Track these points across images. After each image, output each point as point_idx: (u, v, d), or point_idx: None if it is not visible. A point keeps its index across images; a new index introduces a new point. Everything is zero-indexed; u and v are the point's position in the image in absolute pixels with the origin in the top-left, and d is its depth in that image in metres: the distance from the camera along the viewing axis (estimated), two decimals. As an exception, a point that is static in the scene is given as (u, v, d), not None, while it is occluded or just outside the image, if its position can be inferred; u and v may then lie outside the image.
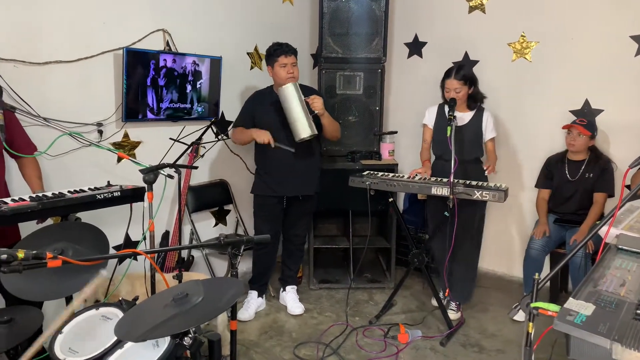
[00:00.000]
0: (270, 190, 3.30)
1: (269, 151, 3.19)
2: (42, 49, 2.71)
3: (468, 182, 2.98)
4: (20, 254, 1.36)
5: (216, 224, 3.91)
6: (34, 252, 1.40)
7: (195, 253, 3.57)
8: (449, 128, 2.93)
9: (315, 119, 3.14)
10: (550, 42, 3.68)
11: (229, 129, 3.00)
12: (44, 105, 2.71)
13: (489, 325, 3.29)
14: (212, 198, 3.79)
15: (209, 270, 3.61)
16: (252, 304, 3.39)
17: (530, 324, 1.53)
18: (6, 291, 2.31)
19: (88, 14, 2.88)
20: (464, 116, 3.27)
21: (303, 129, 3.06)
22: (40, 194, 2.27)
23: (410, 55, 4.39)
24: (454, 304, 3.38)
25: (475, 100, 3.28)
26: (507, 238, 4.09)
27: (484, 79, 3.34)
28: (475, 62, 3.97)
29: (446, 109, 3.33)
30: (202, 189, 3.69)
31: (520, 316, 3.29)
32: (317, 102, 3.12)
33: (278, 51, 3.14)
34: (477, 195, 2.83)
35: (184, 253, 3.43)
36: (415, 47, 4.34)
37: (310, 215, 3.59)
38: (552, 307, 1.43)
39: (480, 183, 2.99)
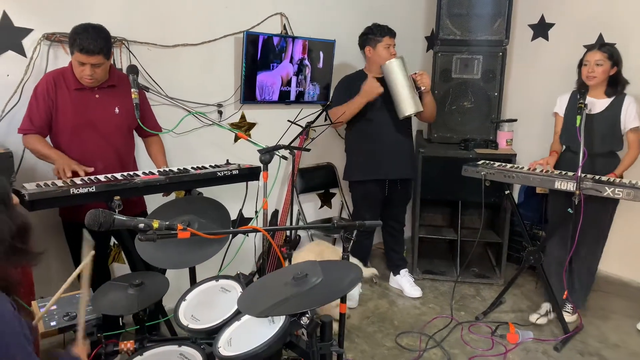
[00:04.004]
0: (370, 173, 3.24)
1: (367, 131, 3.16)
2: (172, 32, 2.88)
3: (598, 177, 2.71)
4: (155, 224, 1.45)
5: (321, 206, 3.96)
6: (167, 223, 1.49)
7: (301, 233, 3.64)
8: (578, 117, 2.69)
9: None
10: None
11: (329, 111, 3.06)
12: (171, 86, 2.89)
13: (611, 335, 3.01)
14: (319, 181, 3.84)
15: (313, 251, 3.67)
16: (356, 291, 3.38)
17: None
18: (133, 261, 2.53)
19: (213, -1, 3.01)
20: (599, 103, 2.95)
21: (409, 105, 3.02)
22: (167, 169, 2.44)
23: (534, 38, 4.07)
24: (569, 305, 3.14)
25: (615, 85, 2.93)
26: (638, 241, 3.68)
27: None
28: (612, 44, 3.57)
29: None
30: (310, 171, 3.74)
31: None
32: (426, 79, 3.08)
33: (382, 32, 3.12)
34: (607, 192, 2.57)
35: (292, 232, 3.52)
36: (541, 28, 4.01)
37: (408, 203, 3.56)
38: None
39: (612, 179, 2.70)
